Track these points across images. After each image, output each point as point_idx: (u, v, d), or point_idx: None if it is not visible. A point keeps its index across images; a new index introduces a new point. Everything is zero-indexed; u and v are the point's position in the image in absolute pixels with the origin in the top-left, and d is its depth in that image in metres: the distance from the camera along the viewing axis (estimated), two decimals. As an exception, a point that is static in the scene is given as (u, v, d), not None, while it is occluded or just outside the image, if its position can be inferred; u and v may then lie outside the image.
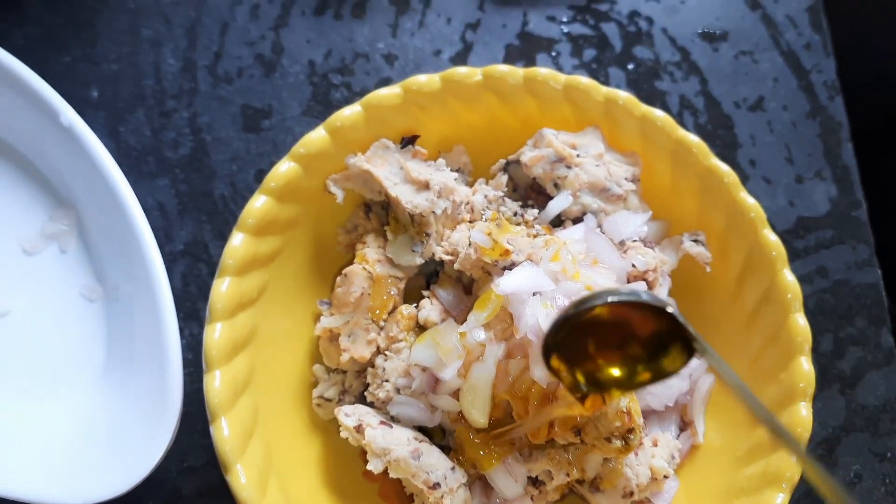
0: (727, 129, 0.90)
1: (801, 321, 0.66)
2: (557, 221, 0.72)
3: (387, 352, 0.68)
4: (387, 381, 0.66)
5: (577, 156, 0.70)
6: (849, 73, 0.95)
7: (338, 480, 0.69)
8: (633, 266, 0.66)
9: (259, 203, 0.65)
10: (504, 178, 0.73)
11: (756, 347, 0.69)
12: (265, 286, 0.68)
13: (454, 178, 0.70)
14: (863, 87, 1.01)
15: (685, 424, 0.72)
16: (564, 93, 0.71)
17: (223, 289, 0.63)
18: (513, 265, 0.64)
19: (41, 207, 0.77)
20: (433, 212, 0.68)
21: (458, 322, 0.66)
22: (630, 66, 0.90)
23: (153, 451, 0.65)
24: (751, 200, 0.69)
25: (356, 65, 0.87)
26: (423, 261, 0.69)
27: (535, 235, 0.67)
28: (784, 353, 0.66)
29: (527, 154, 0.71)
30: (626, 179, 0.71)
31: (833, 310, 0.85)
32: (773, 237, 0.69)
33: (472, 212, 0.71)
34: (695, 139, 0.70)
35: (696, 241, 0.72)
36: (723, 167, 0.70)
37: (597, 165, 0.70)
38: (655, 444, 0.66)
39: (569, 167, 0.70)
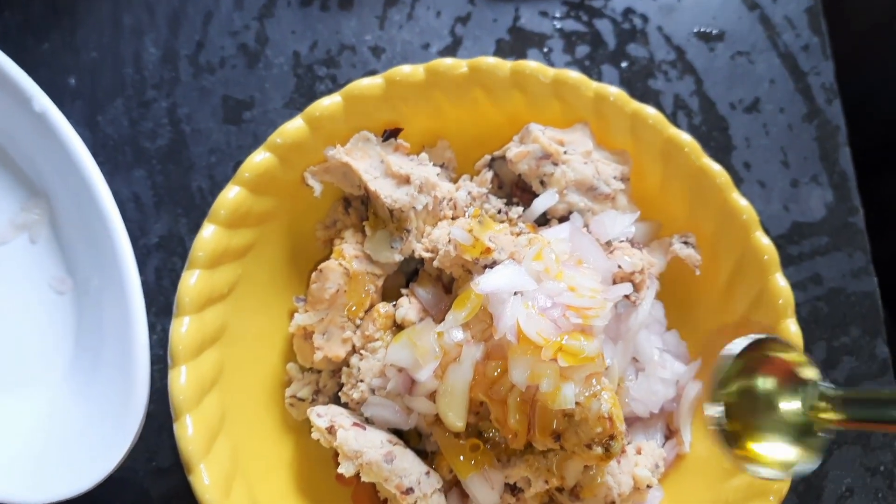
0: (722, 131, 0.88)
1: (793, 328, 0.64)
2: (543, 220, 0.69)
3: (362, 351, 0.65)
4: (361, 382, 0.64)
5: (565, 153, 0.67)
6: (847, 77, 0.93)
7: (309, 484, 0.67)
8: (619, 267, 0.64)
9: (232, 194, 0.63)
10: (489, 175, 0.71)
11: (746, 354, 0.67)
12: (237, 281, 0.65)
13: (437, 173, 0.68)
14: (862, 92, 0.99)
15: (671, 433, 0.69)
16: (553, 87, 0.68)
17: (192, 282, 0.61)
18: (494, 264, 0.62)
19: (12, 196, 0.75)
20: (413, 207, 0.66)
21: (437, 322, 0.63)
22: (623, 65, 0.88)
23: (117, 449, 0.63)
24: (743, 202, 0.67)
25: (342, 57, 0.85)
26: (403, 258, 0.67)
27: (519, 234, 0.65)
28: (774, 361, 0.64)
29: (512, 150, 0.68)
30: (615, 178, 0.69)
31: (827, 318, 0.82)
32: (766, 240, 0.66)
33: (455, 208, 0.68)
34: (687, 138, 0.68)
35: (686, 244, 0.70)
36: (715, 167, 0.68)
37: (585, 163, 0.68)
38: (639, 453, 0.64)
39: (556, 164, 0.67)
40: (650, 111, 0.68)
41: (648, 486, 0.62)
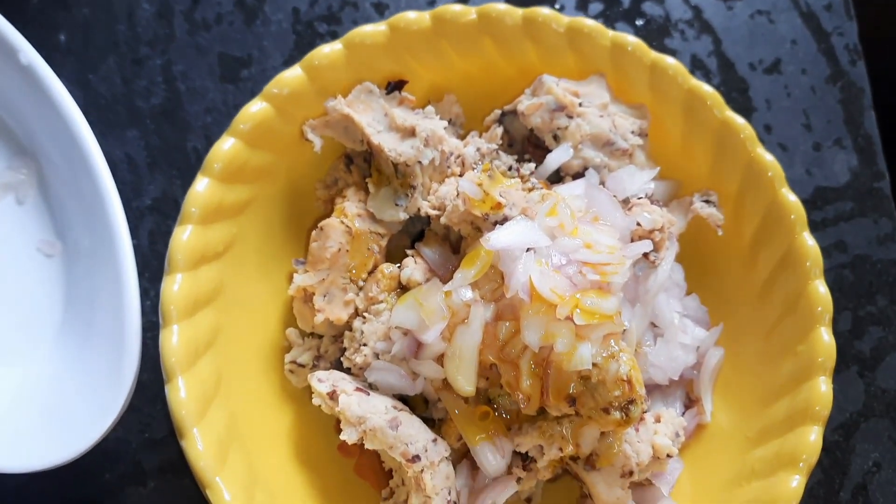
0: (741, 93, 0.84)
1: (822, 289, 0.61)
2: (556, 177, 0.66)
3: (365, 314, 0.62)
4: (365, 346, 0.60)
5: (580, 105, 0.64)
6: (872, 38, 0.89)
7: (310, 455, 0.64)
8: (638, 224, 0.60)
9: (227, 146, 0.59)
10: (499, 131, 0.67)
11: (771, 318, 0.63)
12: (232, 240, 0.62)
13: (443, 128, 0.64)
14: (886, 53, 0.95)
15: (691, 402, 0.66)
16: (567, 37, 0.65)
17: (184, 237, 0.57)
18: (505, 220, 0.58)
19: (-2, 155, 0.71)
20: (419, 161, 0.62)
21: (445, 283, 0.60)
22: (639, 23, 0.84)
23: (107, 416, 0.59)
24: (769, 157, 0.63)
25: (343, 13, 0.81)
26: (408, 216, 0.63)
27: (531, 189, 0.61)
28: (802, 324, 0.61)
29: (524, 102, 0.65)
30: (633, 133, 0.65)
31: (852, 287, 0.79)
32: (793, 198, 0.63)
33: (463, 165, 0.65)
34: (709, 89, 0.64)
35: (708, 202, 0.66)
36: (739, 120, 0.64)
37: (601, 116, 0.64)
38: (658, 421, 0.60)
39: (570, 117, 0.64)
40: (670, 61, 0.65)
41: (668, 456, 0.59)
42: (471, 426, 0.57)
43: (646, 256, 0.61)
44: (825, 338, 0.59)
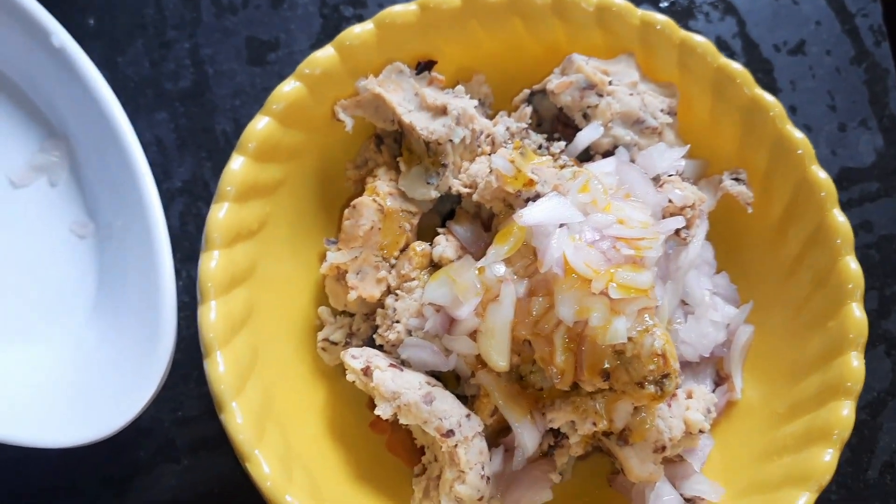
0: (766, 74, 0.84)
1: (853, 265, 0.61)
2: (586, 156, 0.66)
3: (398, 291, 0.62)
4: (397, 322, 0.61)
5: (610, 83, 0.64)
6: (896, 19, 0.89)
7: (342, 431, 0.64)
8: (670, 201, 0.60)
9: (261, 125, 0.60)
10: (528, 111, 0.67)
11: (801, 295, 0.63)
12: (266, 219, 0.62)
13: (474, 107, 0.64)
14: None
15: (721, 379, 0.66)
16: (596, 15, 0.65)
17: (220, 215, 0.58)
18: (537, 196, 0.58)
19: (31, 137, 0.72)
20: (450, 140, 0.62)
21: (476, 260, 0.60)
22: (663, 5, 0.84)
23: (142, 393, 0.60)
24: (798, 134, 0.63)
25: (370, -4, 0.81)
26: (439, 194, 0.64)
27: (563, 167, 0.61)
28: (833, 300, 0.61)
29: (554, 81, 0.65)
30: (662, 111, 0.65)
31: (878, 266, 0.79)
32: (823, 174, 0.63)
33: (493, 144, 0.65)
34: (738, 67, 0.64)
35: (737, 180, 0.66)
36: (768, 98, 0.64)
37: (630, 95, 0.64)
38: (690, 397, 0.60)
39: (600, 95, 0.64)
40: (699, 39, 0.65)
41: (701, 431, 0.59)
42: (513, 402, 0.58)
43: (677, 233, 0.61)
44: (857, 313, 0.59)
